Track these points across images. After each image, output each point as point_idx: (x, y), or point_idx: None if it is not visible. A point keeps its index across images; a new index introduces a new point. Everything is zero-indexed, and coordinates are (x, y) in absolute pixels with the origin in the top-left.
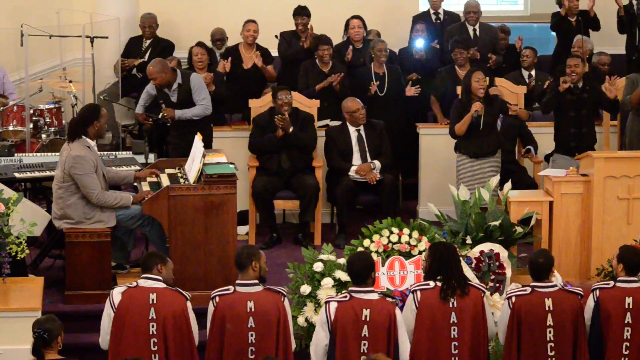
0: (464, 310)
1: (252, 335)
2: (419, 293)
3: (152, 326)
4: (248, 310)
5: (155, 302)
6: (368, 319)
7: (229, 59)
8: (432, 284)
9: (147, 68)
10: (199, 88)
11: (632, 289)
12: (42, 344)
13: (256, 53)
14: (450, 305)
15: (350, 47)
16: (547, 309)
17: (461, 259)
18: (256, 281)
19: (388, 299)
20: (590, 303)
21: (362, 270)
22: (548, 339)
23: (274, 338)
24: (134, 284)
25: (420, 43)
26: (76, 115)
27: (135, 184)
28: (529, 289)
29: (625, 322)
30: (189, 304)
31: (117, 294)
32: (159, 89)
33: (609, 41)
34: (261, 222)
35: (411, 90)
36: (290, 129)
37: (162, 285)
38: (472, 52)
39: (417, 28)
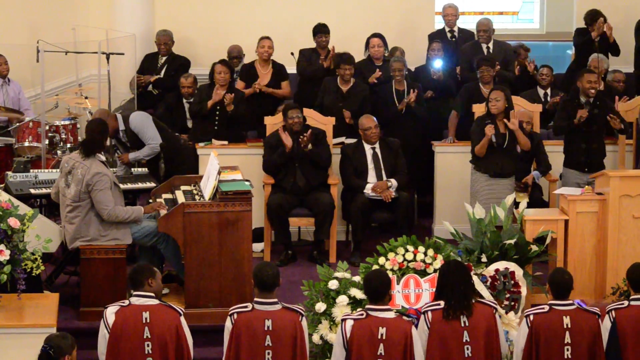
0: (476, 328)
1: (269, 353)
2: (430, 314)
3: (147, 345)
4: (265, 328)
5: (148, 320)
6: (384, 338)
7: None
8: (442, 303)
9: None
10: (141, 129)
11: None
12: (47, 359)
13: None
14: (462, 324)
15: (378, 70)
16: (565, 326)
17: (476, 277)
18: (275, 300)
19: (405, 317)
20: (606, 324)
21: (379, 288)
22: (565, 357)
23: (290, 357)
24: (127, 302)
25: (438, 64)
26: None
27: (150, 200)
28: (546, 307)
29: None
30: (182, 319)
31: (110, 314)
32: (111, 138)
33: (623, 59)
34: (276, 239)
35: (411, 97)
36: (309, 147)
37: (154, 301)
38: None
39: (433, 47)
